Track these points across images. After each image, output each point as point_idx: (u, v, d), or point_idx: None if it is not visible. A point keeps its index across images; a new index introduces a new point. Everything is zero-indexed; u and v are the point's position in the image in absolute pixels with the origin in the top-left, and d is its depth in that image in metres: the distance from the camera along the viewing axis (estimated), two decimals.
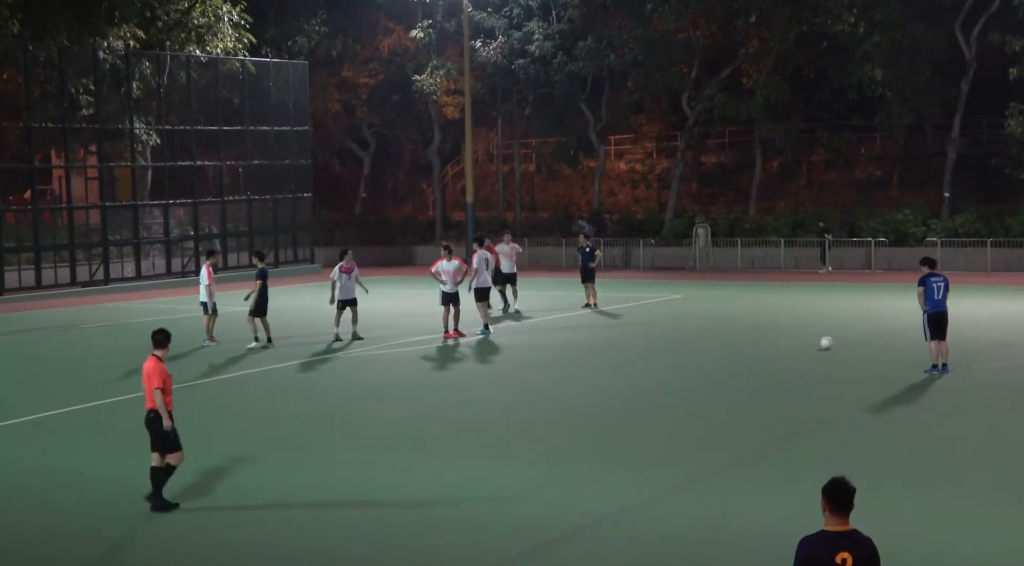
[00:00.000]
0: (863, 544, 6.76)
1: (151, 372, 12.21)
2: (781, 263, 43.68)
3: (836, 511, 6.80)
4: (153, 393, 12.13)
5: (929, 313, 19.47)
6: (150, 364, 12.28)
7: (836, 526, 6.79)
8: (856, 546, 6.73)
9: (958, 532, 11.27)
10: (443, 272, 24.97)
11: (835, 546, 6.72)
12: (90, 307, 33.78)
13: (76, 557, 11.02)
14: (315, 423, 16.78)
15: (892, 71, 43.20)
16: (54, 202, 42.86)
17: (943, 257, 40.03)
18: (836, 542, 6.74)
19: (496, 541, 11.30)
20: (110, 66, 41.06)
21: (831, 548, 6.72)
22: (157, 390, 12.11)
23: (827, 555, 6.70)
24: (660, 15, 45.58)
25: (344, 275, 25.03)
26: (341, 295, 25.00)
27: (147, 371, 12.26)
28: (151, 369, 12.23)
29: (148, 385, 12.21)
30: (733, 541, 11.06)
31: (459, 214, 53.41)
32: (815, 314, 29.02)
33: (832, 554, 6.70)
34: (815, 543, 6.79)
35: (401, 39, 52.64)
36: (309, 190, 47.41)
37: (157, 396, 12.13)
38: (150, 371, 12.23)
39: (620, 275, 41.91)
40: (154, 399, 12.15)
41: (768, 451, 14.66)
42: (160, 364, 12.29)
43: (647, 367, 21.51)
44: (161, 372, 12.19)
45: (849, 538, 6.77)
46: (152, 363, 12.27)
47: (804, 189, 51.70)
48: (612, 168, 55.62)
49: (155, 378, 12.15)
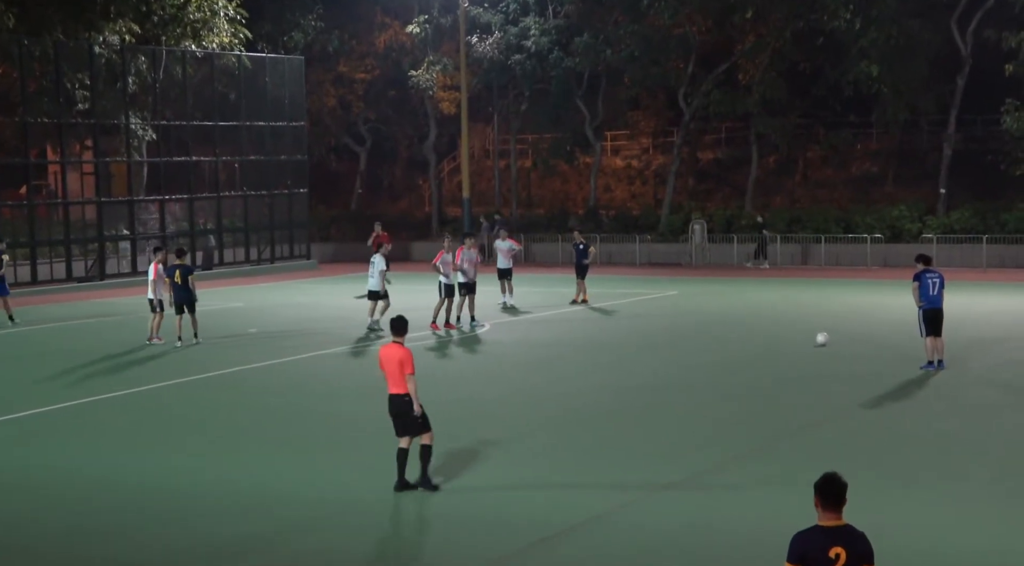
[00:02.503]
0: (857, 539, 6.79)
1: (405, 359, 12.31)
2: (778, 259, 43.71)
3: (828, 506, 6.83)
4: (408, 379, 12.28)
5: (925, 309, 19.50)
6: (401, 351, 12.37)
7: (829, 521, 6.82)
8: (850, 541, 6.76)
9: (953, 529, 11.29)
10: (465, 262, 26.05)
11: (829, 541, 6.75)
12: (85, 303, 33.74)
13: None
14: (313, 421, 16.78)
15: (888, 67, 43.20)
16: (49, 197, 42.76)
17: (939, 253, 40.11)
18: (830, 537, 6.77)
19: (495, 537, 11.31)
20: (106, 61, 41.01)
21: (825, 543, 6.75)
22: (411, 376, 12.28)
23: (821, 550, 6.73)
24: (656, 10, 45.54)
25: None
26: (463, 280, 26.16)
27: (400, 358, 12.32)
28: (405, 356, 12.33)
29: (400, 371, 12.28)
30: (730, 538, 11.08)
31: (455, 210, 53.40)
32: (810, 310, 29.04)
33: (826, 549, 6.73)
34: (808, 538, 6.81)
35: (397, 34, 52.58)
36: (305, 186, 47.38)
37: (411, 382, 12.30)
38: (404, 358, 12.32)
39: (616, 271, 41.91)
40: (408, 385, 12.29)
41: (765, 448, 14.68)
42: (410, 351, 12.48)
43: (644, 363, 21.52)
44: (413, 359, 12.42)
45: (843, 533, 6.79)
46: (404, 350, 12.37)
47: (800, 185, 51.73)
48: (608, 164, 55.61)
49: (409, 364, 12.30)
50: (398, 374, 12.34)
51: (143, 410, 17.81)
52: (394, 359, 12.37)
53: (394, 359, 12.37)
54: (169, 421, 16.94)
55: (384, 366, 12.49)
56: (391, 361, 12.40)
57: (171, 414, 17.48)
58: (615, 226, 48.62)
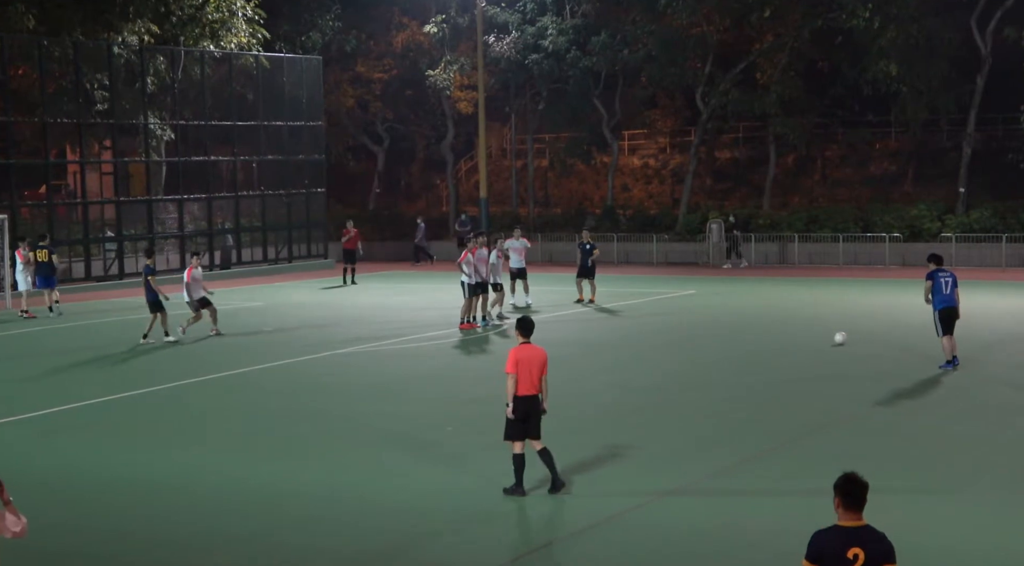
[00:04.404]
0: (876, 539, 6.75)
1: (544, 360, 12.47)
2: (796, 258, 43.58)
3: (849, 506, 6.79)
4: (543, 380, 12.45)
5: (939, 308, 19.52)
6: (543, 353, 12.53)
7: (849, 522, 6.79)
8: (869, 542, 6.73)
9: (972, 530, 11.24)
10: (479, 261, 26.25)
11: (847, 541, 6.73)
12: (103, 302, 33.87)
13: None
14: (325, 420, 16.81)
15: (907, 66, 43.02)
16: (69, 197, 42.93)
17: (958, 253, 39.97)
18: (848, 537, 6.74)
19: (504, 539, 11.31)
20: (124, 62, 41.16)
21: (843, 543, 6.73)
22: (544, 377, 12.47)
23: (839, 550, 6.71)
24: (674, 10, 45.46)
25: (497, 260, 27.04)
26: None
27: (544, 359, 12.47)
28: (544, 358, 12.48)
29: (541, 372, 12.42)
30: (742, 540, 11.04)
31: (472, 209, 53.38)
32: (829, 309, 28.94)
33: (844, 550, 6.70)
34: (827, 537, 6.80)
35: (415, 34, 52.63)
36: (323, 185, 47.48)
37: (544, 383, 12.49)
38: (544, 359, 12.47)
39: (634, 270, 41.86)
40: (542, 386, 12.46)
41: (779, 449, 14.64)
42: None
43: (661, 363, 21.49)
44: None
45: (862, 533, 6.77)
46: (540, 351, 12.50)
47: (818, 185, 51.54)
48: (626, 163, 55.51)
49: (546, 366, 12.49)
50: (538, 374, 12.41)
51: (159, 409, 17.87)
52: (537, 360, 12.43)
53: (537, 360, 12.43)
54: (184, 419, 17.01)
55: (522, 366, 12.37)
56: (534, 362, 12.40)
57: (189, 413, 17.54)
58: (632, 226, 48.54)
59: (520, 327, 12.78)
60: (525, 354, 12.46)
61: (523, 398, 12.38)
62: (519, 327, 12.79)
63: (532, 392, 12.40)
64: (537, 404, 12.47)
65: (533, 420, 12.44)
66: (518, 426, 12.40)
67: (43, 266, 30.13)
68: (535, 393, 12.42)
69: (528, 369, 12.38)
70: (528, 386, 12.38)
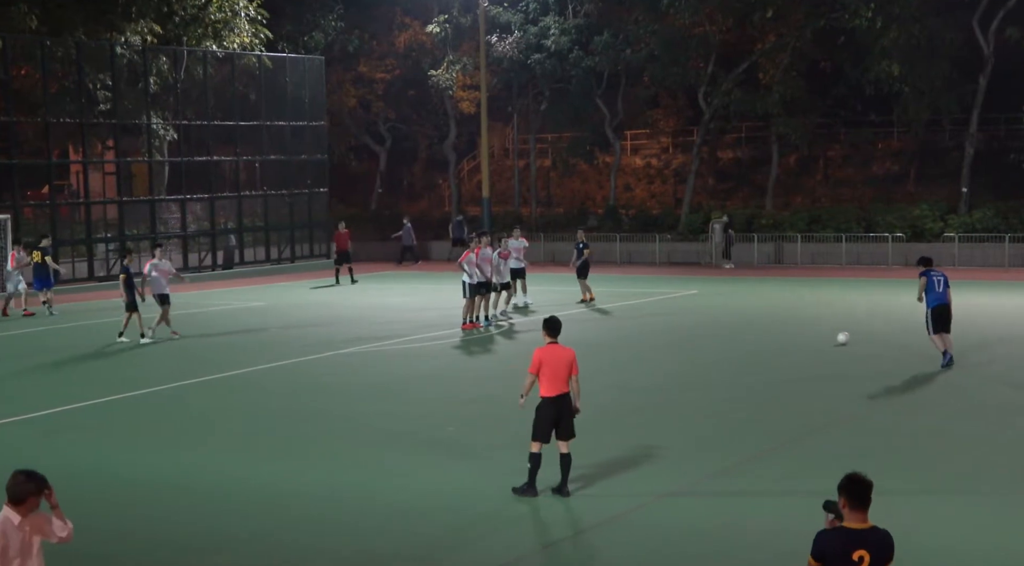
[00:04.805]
0: (881, 538, 6.72)
1: (572, 360, 12.32)
2: (798, 258, 43.58)
3: (855, 507, 6.74)
4: (574, 379, 12.33)
5: (931, 306, 19.76)
6: (571, 353, 12.37)
7: (855, 523, 6.74)
8: (874, 544, 6.69)
9: (967, 533, 11.24)
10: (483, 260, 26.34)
11: (853, 543, 6.68)
12: (105, 302, 33.88)
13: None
14: (326, 420, 16.82)
15: (909, 66, 43.02)
16: (71, 197, 42.99)
17: (960, 253, 39.99)
18: (854, 540, 6.69)
19: (506, 539, 11.32)
20: (127, 62, 41.21)
21: (848, 545, 6.68)
22: (576, 377, 12.34)
23: (844, 552, 6.67)
24: (676, 10, 45.49)
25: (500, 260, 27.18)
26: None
27: (571, 359, 12.30)
28: (572, 357, 12.33)
29: (569, 372, 12.28)
30: (742, 540, 11.05)
31: (475, 209, 53.43)
32: (831, 309, 28.93)
33: (849, 552, 6.66)
34: (832, 538, 6.75)
35: (417, 34, 52.67)
36: (325, 185, 47.53)
37: (576, 383, 12.36)
38: (574, 359, 12.33)
39: (636, 270, 41.86)
40: (573, 386, 12.32)
41: (779, 449, 14.64)
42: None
43: (661, 363, 21.49)
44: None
45: (868, 535, 6.72)
46: (567, 351, 12.34)
47: (821, 184, 51.54)
48: (628, 163, 55.53)
49: (576, 365, 12.34)
50: (565, 375, 12.25)
51: (160, 409, 17.89)
52: (565, 360, 12.25)
53: (565, 360, 12.25)
54: (185, 420, 17.03)
55: (547, 367, 12.22)
56: (561, 362, 12.23)
57: (190, 413, 17.56)
58: (634, 225, 48.55)
59: (547, 327, 12.54)
60: (551, 354, 12.27)
61: (552, 399, 12.21)
62: (545, 327, 12.56)
63: (561, 391, 12.23)
64: (568, 404, 12.28)
65: (565, 421, 12.28)
66: (548, 427, 12.25)
67: (37, 267, 30.40)
68: (564, 393, 12.26)
69: (554, 369, 12.19)
70: (557, 387, 12.19)
